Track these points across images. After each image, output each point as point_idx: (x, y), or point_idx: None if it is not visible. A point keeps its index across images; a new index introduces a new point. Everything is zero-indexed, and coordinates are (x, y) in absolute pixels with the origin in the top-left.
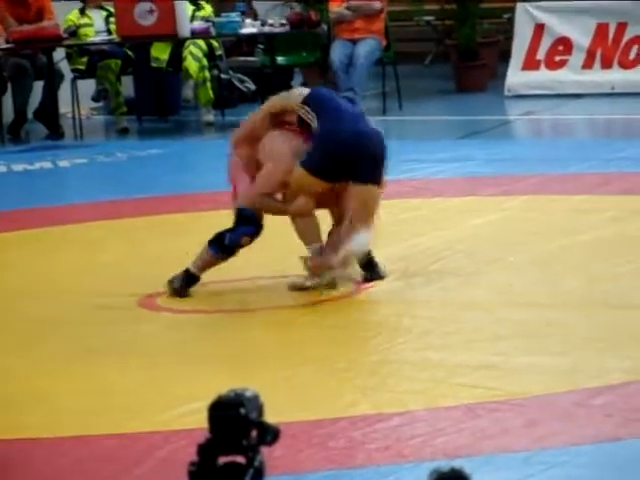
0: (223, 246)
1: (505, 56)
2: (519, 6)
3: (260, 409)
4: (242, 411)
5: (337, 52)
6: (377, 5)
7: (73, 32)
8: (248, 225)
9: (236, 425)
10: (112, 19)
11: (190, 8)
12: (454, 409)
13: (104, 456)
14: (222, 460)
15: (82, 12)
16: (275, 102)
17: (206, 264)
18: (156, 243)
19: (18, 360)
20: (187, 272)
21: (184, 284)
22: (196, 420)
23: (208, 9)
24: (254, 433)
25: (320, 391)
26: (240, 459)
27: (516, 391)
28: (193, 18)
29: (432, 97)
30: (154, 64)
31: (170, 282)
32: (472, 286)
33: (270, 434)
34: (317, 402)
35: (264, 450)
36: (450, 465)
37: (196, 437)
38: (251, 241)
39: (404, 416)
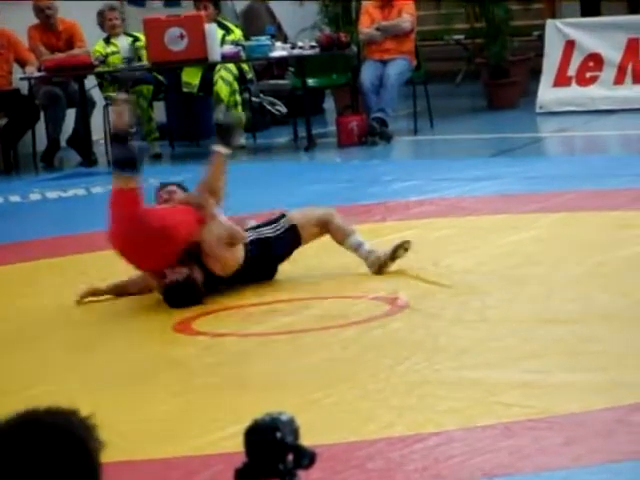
0: None
1: (536, 73)
2: (549, 23)
3: (296, 432)
4: (278, 435)
5: (367, 73)
6: (407, 25)
7: (102, 62)
8: None
9: (272, 449)
10: (139, 44)
11: (220, 32)
12: (491, 428)
13: None
14: None
15: (107, 41)
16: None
17: None
18: None
19: (54, 387)
20: None
21: None
22: (234, 444)
23: (238, 33)
24: (290, 457)
25: (355, 412)
26: None
27: (554, 409)
28: (223, 42)
29: (463, 115)
30: (185, 89)
31: None
32: (507, 304)
33: (307, 458)
34: (353, 424)
35: (302, 474)
36: None
37: (234, 461)
38: None
39: (441, 436)
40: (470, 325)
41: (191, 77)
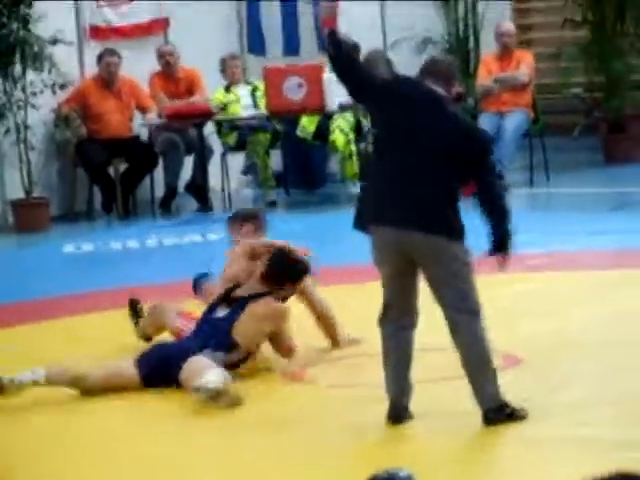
0: None
1: None
2: None
3: None
4: None
5: (484, 125)
6: (524, 78)
7: (221, 109)
8: None
9: None
10: (258, 93)
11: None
12: None
13: None
14: None
15: (227, 89)
16: None
17: None
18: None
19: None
20: None
21: None
22: None
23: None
24: None
25: (471, 465)
26: None
27: None
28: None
29: (580, 169)
30: (300, 133)
31: None
32: (625, 361)
33: None
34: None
35: None
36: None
37: None
38: None
39: None
40: (588, 380)
41: (308, 123)
